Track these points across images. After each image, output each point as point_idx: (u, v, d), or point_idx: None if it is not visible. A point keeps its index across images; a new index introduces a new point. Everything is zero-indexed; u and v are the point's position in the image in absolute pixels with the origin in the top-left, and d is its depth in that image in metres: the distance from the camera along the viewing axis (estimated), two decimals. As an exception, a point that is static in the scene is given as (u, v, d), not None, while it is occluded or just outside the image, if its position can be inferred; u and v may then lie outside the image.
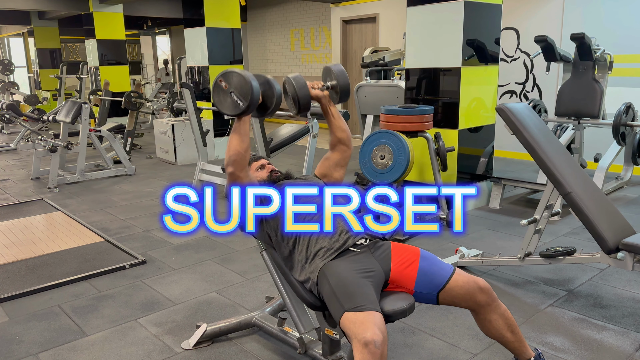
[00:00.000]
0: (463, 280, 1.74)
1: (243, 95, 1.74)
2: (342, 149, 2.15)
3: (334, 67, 2.07)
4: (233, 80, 1.76)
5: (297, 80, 1.96)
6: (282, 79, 2.05)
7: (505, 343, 1.84)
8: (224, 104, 1.79)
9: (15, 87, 11.43)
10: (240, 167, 1.82)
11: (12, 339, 2.43)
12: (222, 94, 1.79)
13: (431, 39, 4.16)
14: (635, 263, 2.36)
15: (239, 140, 1.80)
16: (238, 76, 1.75)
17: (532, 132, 2.60)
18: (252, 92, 1.73)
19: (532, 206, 4.38)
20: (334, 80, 2.06)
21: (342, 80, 2.05)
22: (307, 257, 1.82)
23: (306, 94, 1.97)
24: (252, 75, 1.80)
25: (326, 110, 2.09)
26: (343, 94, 2.06)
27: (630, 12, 5.17)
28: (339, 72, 2.06)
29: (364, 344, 1.45)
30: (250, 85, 1.73)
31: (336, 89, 2.06)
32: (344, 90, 2.05)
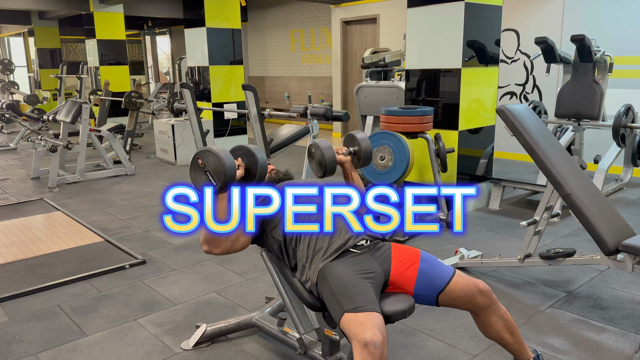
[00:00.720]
0: (463, 283, 1.75)
1: (217, 175, 1.73)
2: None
3: (357, 134, 2.18)
4: (208, 159, 1.74)
5: (324, 145, 2.05)
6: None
7: (505, 345, 1.84)
8: (199, 182, 1.77)
9: (15, 86, 11.43)
10: (216, 244, 1.80)
11: (12, 338, 2.43)
12: (197, 171, 1.78)
13: (431, 40, 4.16)
14: (635, 265, 2.36)
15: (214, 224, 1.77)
16: (213, 155, 1.72)
17: (532, 133, 2.61)
18: (225, 174, 1.70)
19: (531, 207, 4.38)
20: (356, 146, 2.16)
21: (365, 146, 2.14)
22: (307, 258, 1.82)
23: (332, 158, 2.05)
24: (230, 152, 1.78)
25: (348, 174, 2.17)
26: (365, 160, 2.16)
27: (631, 14, 5.18)
28: (362, 139, 2.15)
29: (363, 344, 1.45)
30: (224, 166, 1.70)
31: (359, 154, 2.15)
32: (367, 156, 2.15)
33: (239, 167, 1.83)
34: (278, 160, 5.99)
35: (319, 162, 2.08)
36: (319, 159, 2.07)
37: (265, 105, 10.35)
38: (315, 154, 2.10)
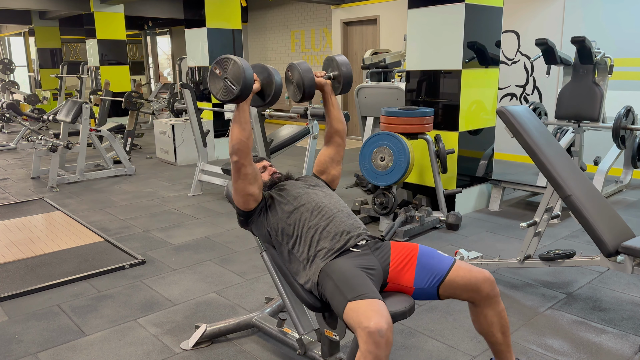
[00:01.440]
0: (464, 271, 1.73)
1: (236, 80, 1.74)
2: (337, 141, 2.16)
3: (337, 57, 2.08)
4: (226, 66, 1.75)
5: (302, 66, 1.96)
6: (285, 70, 2.05)
7: (493, 343, 1.83)
8: (218, 90, 1.79)
9: (15, 86, 11.43)
10: (244, 154, 1.83)
11: (12, 338, 2.43)
12: (216, 80, 1.79)
13: (432, 41, 4.16)
14: (634, 266, 2.37)
15: (240, 128, 1.81)
16: (231, 62, 1.74)
17: (532, 134, 2.61)
18: (245, 77, 1.71)
19: (531, 209, 4.39)
20: (336, 70, 2.07)
21: (346, 70, 2.05)
22: (308, 258, 1.82)
23: (311, 80, 1.96)
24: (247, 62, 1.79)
25: (327, 99, 2.10)
26: (346, 84, 2.06)
27: (631, 15, 5.18)
28: (343, 62, 2.05)
29: (368, 333, 1.44)
30: (243, 70, 1.72)
31: (339, 78, 2.07)
32: (347, 80, 2.05)
33: (255, 80, 1.84)
34: (278, 161, 6.00)
35: (297, 85, 1.99)
36: (297, 81, 1.98)
37: (265, 106, 10.34)
38: (293, 76, 2.00)
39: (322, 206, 1.90)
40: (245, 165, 1.84)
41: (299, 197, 1.93)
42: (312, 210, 1.88)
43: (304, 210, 1.88)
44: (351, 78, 2.07)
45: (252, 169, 1.87)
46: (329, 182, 2.16)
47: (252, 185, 1.89)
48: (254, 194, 1.91)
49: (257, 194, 1.92)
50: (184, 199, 4.93)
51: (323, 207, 1.90)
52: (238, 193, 1.91)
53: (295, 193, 1.96)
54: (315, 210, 1.88)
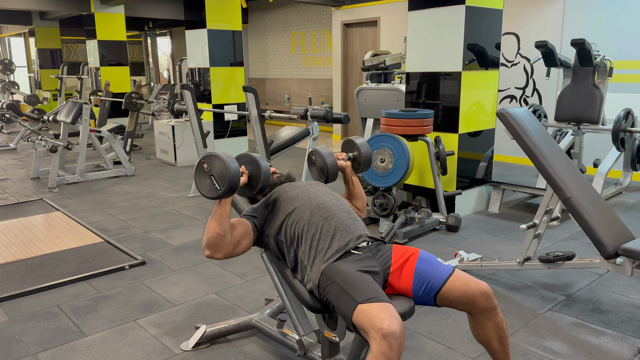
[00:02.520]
0: (461, 283, 1.71)
1: (221, 180, 1.73)
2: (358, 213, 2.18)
3: (356, 139, 2.20)
4: (214, 163, 1.75)
5: (325, 151, 2.08)
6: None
7: (491, 352, 1.82)
8: (203, 186, 1.78)
9: (15, 86, 11.44)
10: (219, 249, 1.80)
11: (11, 338, 2.43)
12: (202, 175, 1.78)
13: (432, 43, 4.17)
14: (634, 268, 2.37)
15: (218, 223, 1.77)
16: (219, 160, 1.74)
17: (532, 136, 2.61)
18: (230, 179, 1.71)
19: (531, 211, 4.39)
20: (356, 151, 2.19)
21: (365, 151, 2.17)
22: (310, 259, 1.82)
23: (334, 164, 2.08)
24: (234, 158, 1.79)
25: (348, 179, 2.20)
26: (365, 165, 2.18)
27: (631, 18, 5.20)
28: (362, 144, 2.18)
29: (382, 335, 1.43)
30: (229, 171, 1.71)
31: (358, 159, 2.18)
32: (367, 161, 2.18)
33: (242, 174, 1.85)
34: (278, 162, 6.00)
35: (321, 169, 2.10)
36: (321, 165, 2.09)
37: (265, 107, 10.37)
38: (317, 161, 2.12)
39: (322, 204, 1.90)
40: (219, 258, 1.82)
41: (299, 197, 1.93)
42: (311, 209, 1.88)
43: (305, 209, 1.88)
44: (370, 158, 2.19)
45: (230, 248, 1.83)
46: None
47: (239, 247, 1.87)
48: (246, 249, 1.91)
49: (248, 246, 1.91)
50: (183, 200, 4.93)
51: (323, 205, 1.90)
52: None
53: (295, 193, 1.96)
54: (315, 208, 1.88)
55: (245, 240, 1.88)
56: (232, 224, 1.86)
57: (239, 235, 1.86)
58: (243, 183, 1.85)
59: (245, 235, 1.88)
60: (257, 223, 1.93)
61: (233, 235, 1.83)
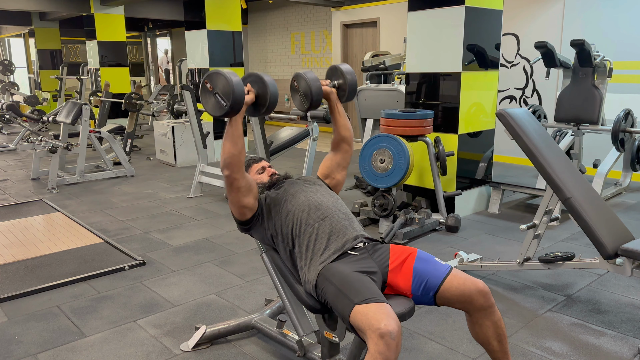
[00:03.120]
0: (458, 282, 1.72)
1: (226, 96, 1.72)
2: (345, 148, 2.17)
3: (342, 65, 2.11)
4: (217, 81, 1.74)
5: (309, 75, 1.98)
6: (287, 80, 2.05)
7: (490, 351, 1.82)
8: (209, 105, 1.78)
9: (15, 87, 11.44)
10: (236, 168, 1.81)
11: (11, 339, 2.43)
12: (207, 95, 1.77)
13: (432, 44, 4.17)
14: (634, 269, 2.37)
15: (232, 142, 1.79)
16: (221, 77, 1.73)
17: (531, 137, 2.61)
18: (234, 92, 1.70)
19: (531, 211, 4.39)
20: (341, 78, 2.10)
21: (350, 78, 2.08)
22: (307, 259, 1.82)
23: (318, 88, 1.98)
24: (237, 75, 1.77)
25: (333, 107, 2.12)
26: (350, 92, 2.09)
27: (630, 19, 5.20)
28: (347, 71, 2.08)
29: (379, 335, 1.44)
30: (232, 86, 1.70)
31: (344, 87, 2.09)
32: (352, 88, 2.08)
33: (248, 92, 1.83)
34: (278, 163, 6.00)
35: (304, 94, 2.00)
36: (304, 90, 1.99)
37: (265, 108, 10.33)
38: (300, 85, 2.02)
39: (319, 204, 1.90)
40: (237, 178, 1.83)
41: (296, 196, 1.94)
42: (309, 209, 1.88)
43: (302, 210, 1.88)
44: (356, 86, 2.10)
45: (245, 181, 1.86)
46: (333, 186, 2.16)
47: (247, 196, 1.89)
48: (249, 204, 1.91)
49: (252, 204, 1.92)
50: (183, 201, 4.93)
51: (320, 206, 1.90)
52: (233, 204, 1.91)
53: (293, 192, 1.96)
54: (312, 208, 1.88)
55: (254, 192, 1.92)
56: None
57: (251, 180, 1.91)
58: (250, 101, 1.83)
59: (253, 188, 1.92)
60: (263, 199, 1.97)
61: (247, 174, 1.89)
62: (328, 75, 2.16)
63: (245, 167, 1.92)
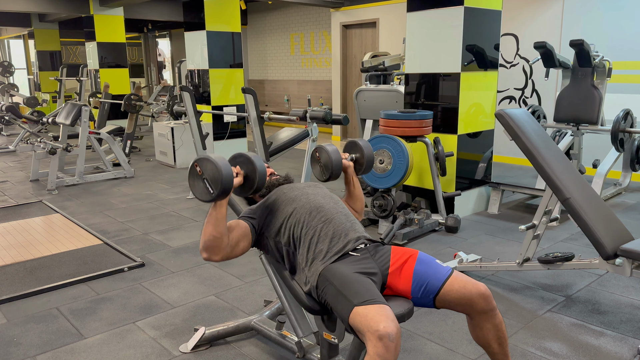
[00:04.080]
0: (459, 285, 1.71)
1: (214, 183, 1.72)
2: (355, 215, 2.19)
3: (360, 141, 2.22)
4: (206, 166, 1.73)
5: (330, 148, 2.10)
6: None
7: (490, 353, 1.82)
8: (197, 189, 1.77)
9: (14, 89, 11.44)
10: (215, 252, 1.78)
11: (10, 341, 2.43)
12: (195, 179, 1.77)
13: (431, 44, 4.17)
14: (633, 269, 2.37)
15: (214, 225, 1.75)
16: (211, 163, 1.72)
17: (531, 137, 2.61)
18: (222, 182, 1.69)
19: (530, 212, 4.39)
20: (359, 153, 2.20)
21: (368, 154, 2.19)
22: (307, 260, 1.82)
23: (339, 161, 2.09)
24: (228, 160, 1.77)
25: (349, 180, 2.20)
26: (367, 167, 2.20)
27: (629, 19, 5.20)
28: (365, 146, 2.19)
29: (378, 337, 1.43)
30: (221, 174, 1.69)
31: (361, 160, 2.20)
32: (369, 163, 2.19)
33: (237, 174, 1.84)
34: (277, 164, 6.00)
35: (325, 166, 2.10)
36: (325, 162, 2.10)
37: (264, 109, 10.35)
38: (321, 157, 2.13)
39: (320, 207, 1.90)
40: (216, 260, 1.80)
41: (297, 199, 1.93)
42: (310, 211, 1.88)
43: (303, 212, 1.88)
44: (372, 160, 2.21)
45: (228, 251, 1.81)
46: None
47: (237, 249, 1.85)
48: (243, 252, 1.89)
49: (247, 248, 1.90)
50: (183, 202, 4.92)
51: (321, 208, 1.89)
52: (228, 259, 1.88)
53: (293, 195, 1.96)
54: (313, 211, 1.88)
55: (244, 242, 1.87)
56: (230, 226, 1.85)
57: (236, 237, 1.84)
58: (238, 184, 1.84)
59: (243, 237, 1.87)
60: (256, 224, 1.92)
61: (230, 237, 1.82)
62: (346, 148, 2.27)
63: None
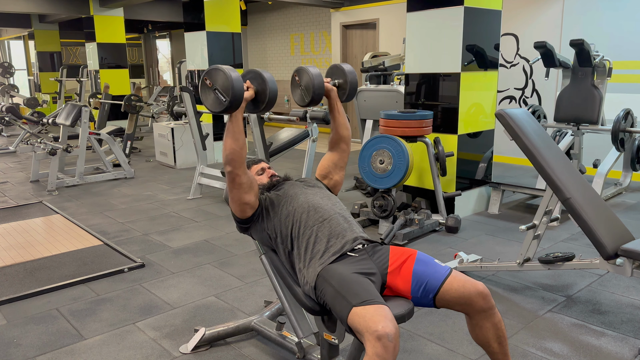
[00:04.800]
0: (458, 284, 1.71)
1: (225, 91, 1.72)
2: (342, 147, 2.17)
3: (343, 65, 2.12)
4: (216, 76, 1.75)
5: (312, 70, 1.98)
6: (287, 81, 2.06)
7: (490, 353, 1.82)
8: (209, 101, 1.78)
9: (15, 89, 11.45)
10: (238, 164, 1.82)
11: (10, 342, 2.43)
12: (206, 91, 1.78)
13: (431, 45, 4.17)
14: (634, 269, 2.36)
15: (233, 138, 1.80)
16: (221, 72, 1.73)
17: (531, 137, 2.61)
18: (234, 88, 1.70)
19: (531, 212, 4.38)
20: (342, 78, 2.10)
21: (351, 78, 2.09)
22: (305, 261, 1.82)
23: (321, 83, 1.97)
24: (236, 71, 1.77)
25: (333, 105, 2.12)
26: (351, 92, 2.10)
27: (629, 18, 5.19)
28: (349, 70, 2.10)
29: (376, 337, 1.43)
30: (231, 81, 1.71)
31: (344, 86, 2.10)
32: (353, 87, 2.09)
33: (248, 88, 1.84)
34: (278, 164, 6.00)
35: (306, 88, 1.99)
36: (306, 84, 1.98)
37: (264, 109, 10.31)
38: (301, 79, 2.01)
39: (319, 207, 1.90)
40: (239, 174, 1.83)
41: (296, 198, 1.93)
42: (308, 211, 1.88)
43: (302, 211, 1.88)
44: (356, 85, 2.11)
45: (246, 178, 1.87)
46: (331, 187, 2.16)
47: (248, 193, 1.89)
48: (250, 202, 1.91)
49: (253, 202, 1.92)
50: (183, 202, 4.92)
51: (319, 208, 1.89)
52: (234, 202, 1.91)
53: (293, 193, 1.96)
54: (311, 210, 1.88)
55: (255, 190, 1.92)
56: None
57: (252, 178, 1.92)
58: (250, 97, 1.84)
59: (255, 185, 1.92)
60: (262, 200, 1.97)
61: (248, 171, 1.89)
62: (329, 74, 2.17)
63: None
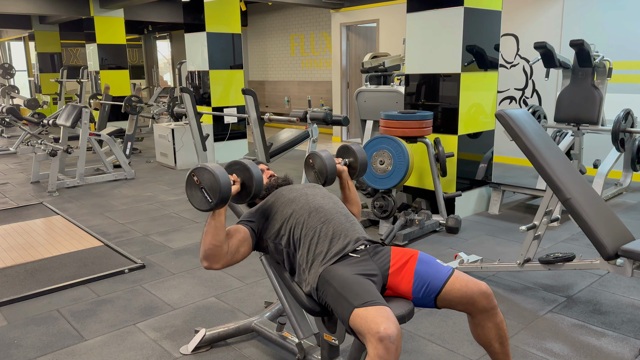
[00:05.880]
0: (461, 284, 1.72)
1: (212, 192, 1.73)
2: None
3: (353, 146, 2.24)
4: (204, 175, 1.74)
5: (324, 154, 2.11)
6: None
7: (491, 353, 1.82)
8: (195, 199, 1.78)
9: (15, 90, 11.45)
10: (216, 260, 1.79)
11: (11, 343, 2.43)
12: (193, 188, 1.77)
13: (431, 45, 4.17)
14: (634, 269, 2.36)
15: (214, 234, 1.76)
16: (208, 172, 1.73)
17: (531, 138, 2.61)
18: (220, 190, 1.71)
19: (531, 212, 4.38)
20: (352, 157, 2.23)
21: (361, 157, 2.21)
22: (307, 262, 1.82)
23: (333, 167, 2.11)
24: (224, 168, 1.78)
25: (345, 184, 2.22)
26: (361, 171, 2.23)
27: (630, 19, 5.20)
28: (358, 150, 2.22)
29: (378, 339, 1.43)
30: (219, 183, 1.70)
31: (354, 165, 2.23)
32: (362, 167, 2.22)
33: (234, 182, 1.84)
34: (278, 165, 6.00)
35: (320, 172, 2.12)
36: (320, 168, 2.11)
37: (265, 110, 10.36)
38: (315, 163, 2.14)
39: (320, 207, 1.90)
40: (217, 268, 1.80)
41: (296, 200, 1.93)
42: (309, 212, 1.88)
43: (303, 213, 1.88)
44: (366, 164, 2.24)
45: (228, 258, 1.81)
46: None
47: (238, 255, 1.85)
48: (245, 255, 1.89)
49: (247, 252, 1.90)
50: (183, 203, 4.92)
51: (321, 209, 1.89)
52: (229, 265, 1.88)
53: (292, 196, 1.95)
54: (312, 211, 1.88)
55: (244, 247, 1.87)
56: (229, 232, 1.85)
57: (236, 243, 1.84)
58: (235, 192, 1.84)
59: (243, 241, 1.87)
60: (255, 228, 1.92)
61: (230, 244, 1.82)
62: (339, 153, 2.30)
63: None
